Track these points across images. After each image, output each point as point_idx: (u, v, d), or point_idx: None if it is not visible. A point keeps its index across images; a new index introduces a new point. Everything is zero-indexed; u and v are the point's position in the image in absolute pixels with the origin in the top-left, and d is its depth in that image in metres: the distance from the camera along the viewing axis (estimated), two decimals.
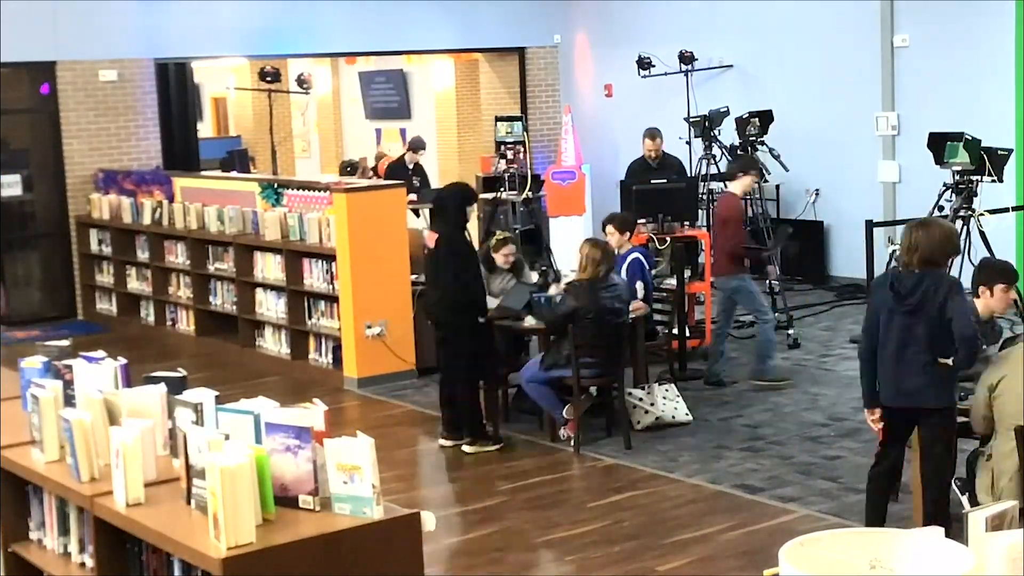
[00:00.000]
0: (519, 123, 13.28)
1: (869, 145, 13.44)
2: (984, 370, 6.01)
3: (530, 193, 13.01)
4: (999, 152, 9.74)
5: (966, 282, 6.52)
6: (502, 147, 13.14)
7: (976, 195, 9.82)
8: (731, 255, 9.69)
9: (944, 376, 5.93)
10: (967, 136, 9.77)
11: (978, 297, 6.54)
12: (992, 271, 6.64)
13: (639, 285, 9.29)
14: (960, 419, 6.07)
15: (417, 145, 15.45)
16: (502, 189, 13.20)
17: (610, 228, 9.57)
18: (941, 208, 10.24)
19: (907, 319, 5.92)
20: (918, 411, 6.00)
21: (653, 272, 10.09)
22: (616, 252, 9.44)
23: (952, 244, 6.07)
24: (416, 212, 14.36)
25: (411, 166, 14.96)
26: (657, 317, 9.95)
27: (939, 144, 10.02)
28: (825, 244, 13.98)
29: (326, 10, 15.13)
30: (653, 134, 12.33)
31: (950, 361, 5.84)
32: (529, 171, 13.05)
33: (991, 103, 12.28)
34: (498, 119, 13.51)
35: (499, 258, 9.51)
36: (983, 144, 9.82)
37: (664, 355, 9.95)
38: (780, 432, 8.49)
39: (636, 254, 9.43)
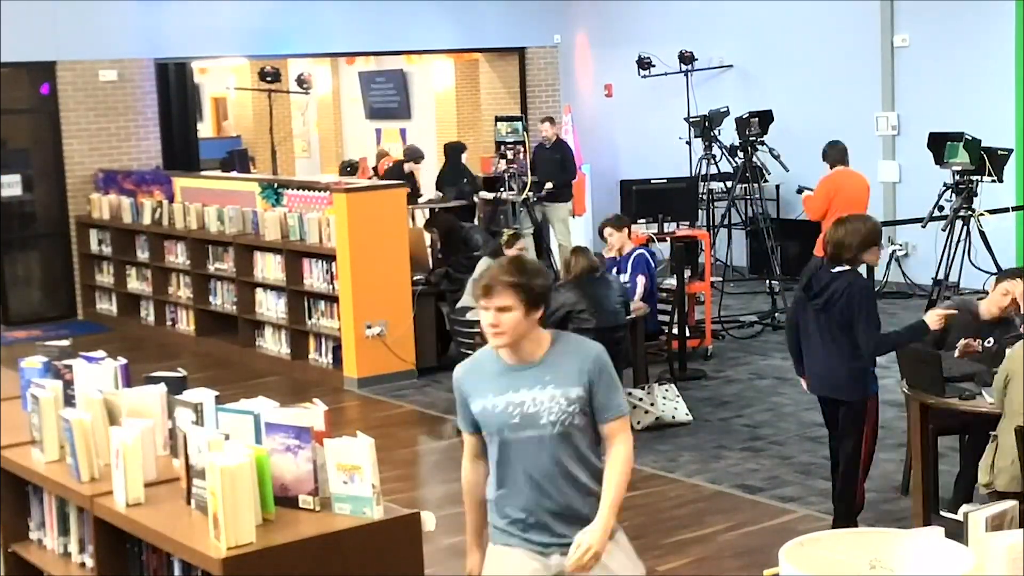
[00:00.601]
0: (520, 123, 13.28)
1: (869, 145, 13.43)
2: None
3: (530, 193, 13.01)
4: (999, 152, 9.74)
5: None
6: (502, 147, 13.14)
7: (976, 195, 9.82)
8: None
9: (857, 371, 6.20)
10: (967, 136, 9.77)
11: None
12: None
13: (640, 279, 9.33)
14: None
15: (413, 155, 15.47)
16: (503, 189, 13.20)
17: (608, 230, 9.72)
18: (941, 208, 10.24)
19: (819, 315, 6.22)
20: (837, 401, 6.35)
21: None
22: (619, 251, 9.56)
23: (862, 235, 6.16)
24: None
25: (407, 173, 14.98)
26: (661, 317, 9.98)
27: (939, 144, 10.02)
28: None
29: (326, 10, 15.13)
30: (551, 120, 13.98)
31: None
32: (529, 171, 13.05)
33: (991, 103, 12.28)
34: (498, 119, 13.51)
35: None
36: (983, 144, 9.82)
37: (664, 355, 9.95)
38: (780, 432, 8.49)
39: (641, 251, 9.53)
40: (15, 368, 4.78)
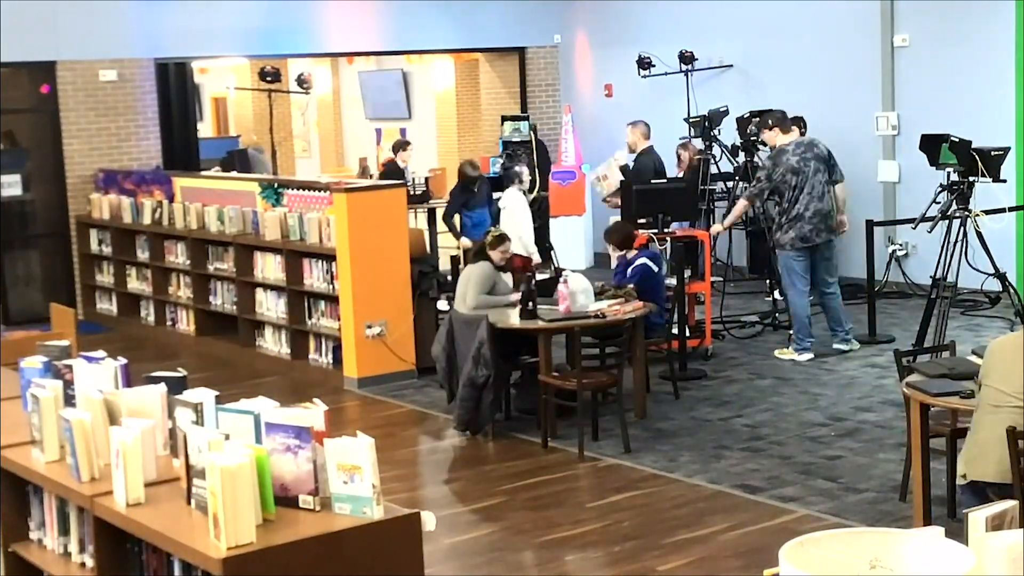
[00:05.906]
0: (526, 123, 13.25)
1: (869, 145, 13.43)
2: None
3: (542, 192, 13.01)
4: (992, 152, 9.68)
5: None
6: (510, 147, 13.08)
7: (971, 195, 9.78)
8: None
9: None
10: (953, 138, 9.74)
11: None
12: None
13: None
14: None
15: (400, 146, 15.28)
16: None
17: (611, 248, 9.73)
18: (945, 212, 10.19)
19: None
20: None
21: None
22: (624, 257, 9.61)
23: None
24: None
25: (403, 165, 14.79)
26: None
27: (934, 145, 9.98)
28: None
29: (326, 10, 15.13)
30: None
31: None
32: (537, 171, 13.05)
33: (991, 103, 12.28)
34: (504, 119, 13.44)
35: (496, 255, 9.43)
36: (980, 144, 9.79)
37: (663, 353, 9.92)
38: (780, 432, 8.49)
39: (644, 260, 9.46)
40: (15, 368, 4.78)
